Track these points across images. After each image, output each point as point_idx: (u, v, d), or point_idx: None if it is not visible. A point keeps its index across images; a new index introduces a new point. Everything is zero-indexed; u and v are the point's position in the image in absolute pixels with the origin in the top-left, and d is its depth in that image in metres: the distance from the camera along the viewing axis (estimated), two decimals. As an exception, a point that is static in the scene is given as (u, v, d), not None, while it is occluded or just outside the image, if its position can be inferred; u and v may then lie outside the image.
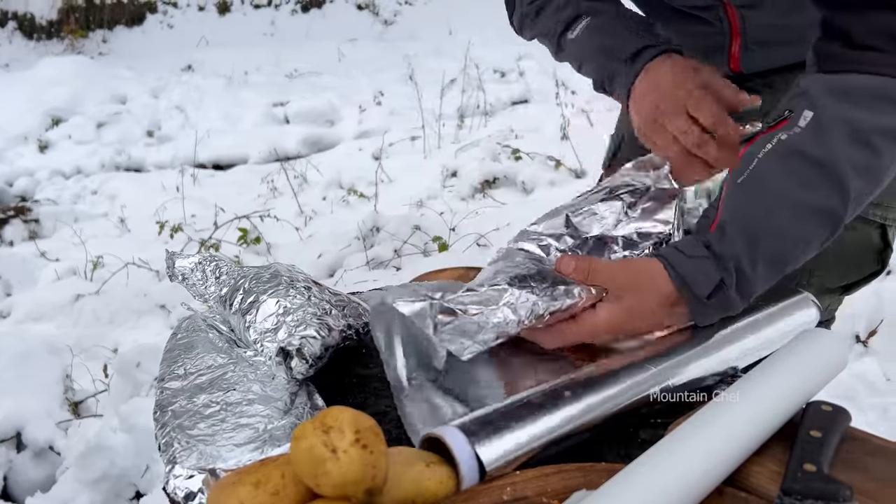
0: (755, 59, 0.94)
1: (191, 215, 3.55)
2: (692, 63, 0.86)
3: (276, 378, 0.71)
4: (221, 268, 0.84)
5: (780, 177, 0.68)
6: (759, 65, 0.95)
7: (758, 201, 0.69)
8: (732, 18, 0.91)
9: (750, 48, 0.92)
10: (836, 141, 0.67)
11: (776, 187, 0.68)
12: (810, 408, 0.65)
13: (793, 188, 0.68)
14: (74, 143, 4.87)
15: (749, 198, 0.70)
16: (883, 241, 0.93)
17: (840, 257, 0.91)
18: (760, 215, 0.68)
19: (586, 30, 0.92)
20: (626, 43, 0.89)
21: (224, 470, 0.60)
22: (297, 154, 4.52)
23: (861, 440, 0.64)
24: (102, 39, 7.45)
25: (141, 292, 2.72)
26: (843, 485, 0.55)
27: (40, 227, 3.79)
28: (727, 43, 0.94)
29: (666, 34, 0.91)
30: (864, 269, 0.95)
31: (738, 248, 0.68)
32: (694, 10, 0.92)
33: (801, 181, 0.68)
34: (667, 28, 1.01)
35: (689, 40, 0.98)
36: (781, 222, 0.68)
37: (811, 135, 0.67)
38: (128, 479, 1.78)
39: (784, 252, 0.69)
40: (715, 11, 0.91)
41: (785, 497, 0.55)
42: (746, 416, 0.59)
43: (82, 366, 2.26)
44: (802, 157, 0.68)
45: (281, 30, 7.71)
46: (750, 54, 0.93)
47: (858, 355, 1.86)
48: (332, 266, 2.97)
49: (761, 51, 0.93)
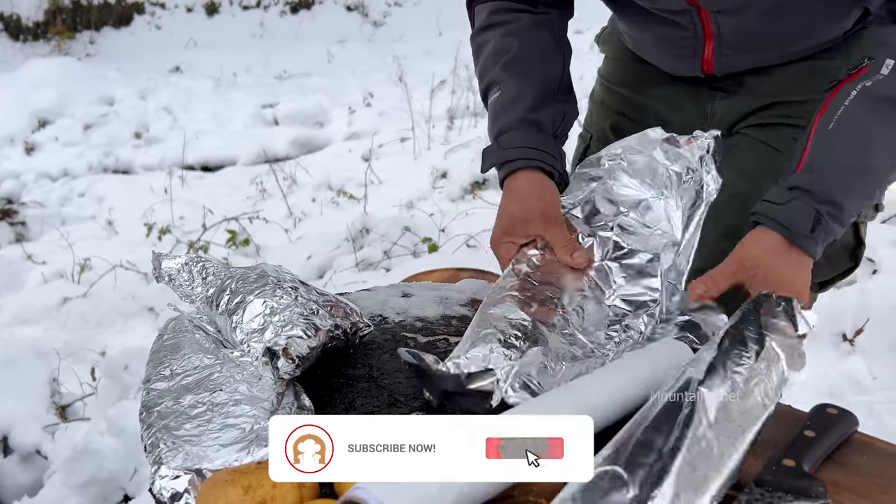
0: (729, 62, 0.95)
1: (179, 217, 3.54)
2: (546, 185, 0.88)
3: (262, 378, 0.71)
4: (208, 268, 0.84)
5: (868, 120, 0.75)
6: (733, 67, 0.96)
7: (849, 143, 0.76)
8: (706, 23, 0.91)
9: (724, 52, 0.93)
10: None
11: (866, 129, 0.75)
12: (814, 409, 0.66)
13: (882, 129, 0.75)
14: (61, 145, 4.84)
15: (840, 140, 0.76)
16: (856, 238, 0.97)
17: None
18: (851, 154, 0.76)
19: (493, 104, 0.93)
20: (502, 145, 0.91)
21: (210, 470, 0.60)
22: (287, 155, 4.51)
23: (865, 444, 0.65)
24: (90, 41, 7.41)
25: (129, 295, 2.70)
26: (817, 481, 0.56)
27: (27, 229, 3.76)
28: (700, 46, 0.94)
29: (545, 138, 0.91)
30: (839, 266, 0.98)
31: (830, 184, 0.76)
32: (666, 13, 0.92)
33: (889, 122, 0.75)
34: (640, 31, 1.02)
35: (661, 42, 0.99)
36: (870, 159, 0.76)
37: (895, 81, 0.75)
38: (116, 483, 1.76)
39: (870, 184, 0.78)
40: (688, 15, 0.90)
41: (756, 488, 0.55)
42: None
43: (69, 369, 2.25)
44: (889, 101, 0.75)
45: (270, 31, 7.70)
46: (723, 58, 0.94)
47: (845, 354, 1.87)
48: (322, 267, 2.96)
49: (735, 54, 0.94)
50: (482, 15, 0.97)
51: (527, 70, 0.92)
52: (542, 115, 0.90)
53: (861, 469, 0.62)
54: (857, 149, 0.76)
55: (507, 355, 0.70)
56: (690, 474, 0.50)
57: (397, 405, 0.73)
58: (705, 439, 0.53)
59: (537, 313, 0.76)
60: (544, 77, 0.92)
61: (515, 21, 0.95)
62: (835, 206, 0.76)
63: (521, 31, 0.94)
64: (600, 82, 1.18)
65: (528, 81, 0.91)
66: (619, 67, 1.13)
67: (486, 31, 0.96)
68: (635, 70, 1.09)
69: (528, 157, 0.87)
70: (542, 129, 0.90)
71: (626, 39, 1.08)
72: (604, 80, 1.17)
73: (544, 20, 0.96)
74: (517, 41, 0.93)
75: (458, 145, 3.96)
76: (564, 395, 0.66)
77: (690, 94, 1.02)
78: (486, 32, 0.96)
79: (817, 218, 0.75)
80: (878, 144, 0.76)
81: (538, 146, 0.88)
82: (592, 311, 0.79)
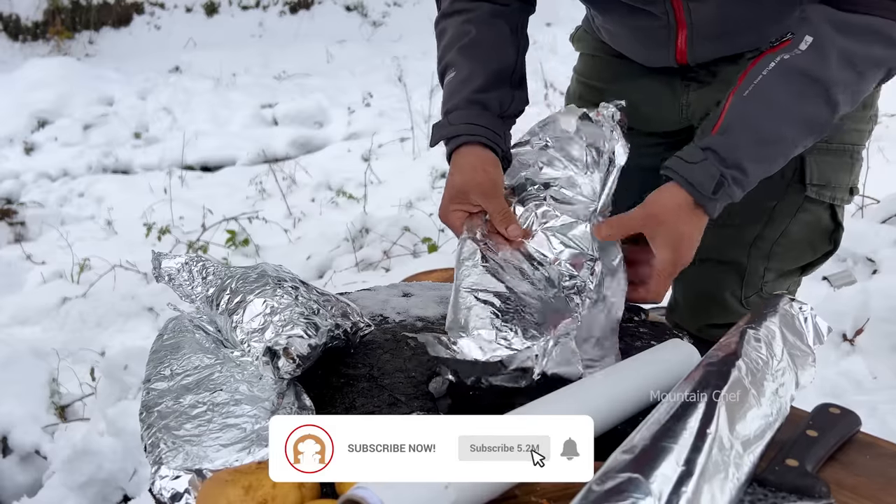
0: (701, 50, 0.96)
1: (179, 217, 3.53)
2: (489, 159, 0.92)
3: (263, 378, 0.70)
4: (208, 268, 0.84)
5: (782, 91, 0.79)
6: (705, 56, 0.97)
7: (761, 111, 0.80)
8: (678, 11, 0.92)
9: (696, 40, 0.94)
10: (833, 64, 0.78)
11: (778, 99, 0.79)
12: (817, 409, 0.65)
13: (793, 100, 0.79)
14: (61, 145, 4.84)
15: (754, 107, 0.80)
16: (833, 221, 0.99)
17: (795, 241, 0.98)
18: (763, 122, 0.79)
19: (447, 85, 0.98)
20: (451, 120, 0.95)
21: (210, 470, 0.60)
22: (286, 156, 4.51)
23: (868, 444, 0.65)
24: (89, 41, 7.41)
25: (128, 295, 2.70)
26: (820, 481, 0.56)
27: (26, 229, 3.75)
28: (673, 35, 0.95)
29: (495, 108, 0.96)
30: (819, 249, 1.01)
31: (740, 148, 0.79)
32: (640, 3, 0.93)
33: (801, 95, 0.79)
34: (615, 23, 1.04)
35: (635, 33, 1.01)
36: (780, 129, 0.79)
37: (811, 56, 0.79)
38: (115, 483, 1.76)
39: (777, 154, 0.81)
40: (661, 5, 0.92)
41: (759, 488, 0.55)
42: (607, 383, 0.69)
43: (69, 369, 2.24)
44: (803, 75, 0.79)
45: (269, 31, 7.69)
46: (696, 46, 0.95)
47: (845, 354, 1.87)
48: (321, 268, 2.96)
49: (707, 42, 0.95)
50: (446, 2, 1.01)
51: (480, 54, 0.97)
52: (491, 96, 0.95)
53: (863, 469, 0.62)
54: (770, 118, 0.80)
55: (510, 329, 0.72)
56: (711, 477, 0.50)
57: (398, 405, 0.73)
58: (724, 441, 0.53)
59: (509, 282, 0.80)
60: (497, 62, 0.97)
61: (476, 10, 0.99)
62: (740, 170, 0.80)
63: (479, 18, 0.98)
64: (576, 79, 1.21)
65: (480, 64, 0.95)
66: (594, 63, 1.16)
67: (448, 18, 1.01)
68: (611, 64, 1.11)
69: (472, 133, 0.92)
70: (489, 108, 0.94)
71: (603, 34, 1.10)
72: (580, 77, 1.20)
73: (504, 11, 0.99)
74: (475, 28, 0.97)
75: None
76: (567, 395, 0.66)
77: (666, 85, 1.03)
78: (447, 19, 1.01)
79: (720, 181, 0.79)
80: (789, 116, 0.80)
81: (483, 124, 0.93)
82: (544, 276, 0.84)
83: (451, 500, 0.53)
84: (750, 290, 1.01)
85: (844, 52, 0.78)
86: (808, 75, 0.79)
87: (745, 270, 1.00)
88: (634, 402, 0.67)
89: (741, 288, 1.01)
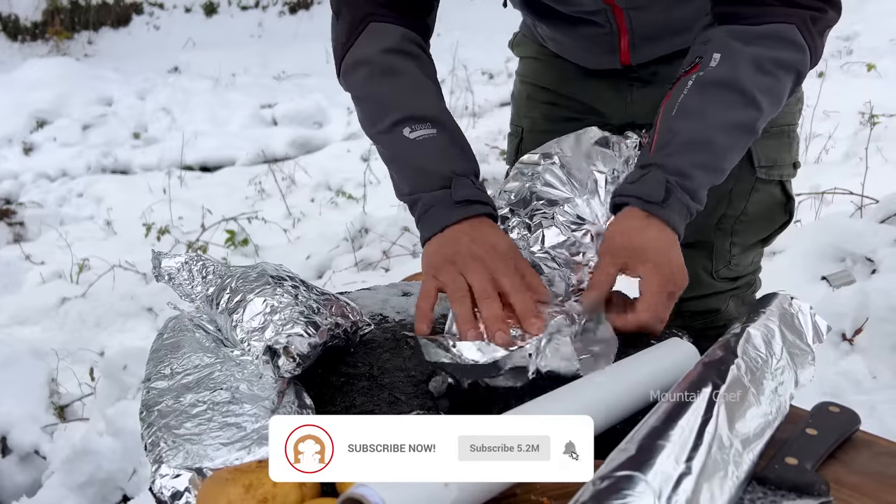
0: (642, 52, 1.03)
1: (178, 217, 3.53)
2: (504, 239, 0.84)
3: (263, 377, 0.70)
4: (208, 267, 0.84)
5: (704, 102, 0.82)
6: (646, 56, 1.04)
7: (689, 123, 0.82)
8: (620, 19, 0.98)
9: (637, 43, 1.01)
10: (744, 69, 0.82)
11: (703, 110, 0.82)
12: (816, 408, 0.66)
13: (717, 109, 0.82)
14: (60, 145, 4.84)
15: (682, 123, 0.82)
16: (785, 195, 1.09)
17: (755, 216, 1.07)
18: (693, 132, 0.82)
19: (431, 140, 0.87)
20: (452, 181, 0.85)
21: (211, 469, 0.60)
22: (285, 156, 4.51)
23: (867, 442, 0.65)
24: (88, 41, 7.41)
25: (127, 295, 2.70)
26: (819, 479, 0.56)
27: (25, 229, 3.75)
28: (616, 41, 1.02)
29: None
30: (776, 221, 1.10)
31: (677, 157, 0.81)
32: (584, 13, 0.98)
33: (722, 103, 0.82)
34: (561, 34, 1.08)
35: (581, 42, 1.06)
36: (711, 136, 0.81)
37: (723, 68, 0.82)
38: (114, 483, 1.76)
39: (716, 157, 0.83)
40: (604, 14, 0.98)
41: (758, 485, 0.55)
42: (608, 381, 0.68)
43: (68, 369, 2.24)
44: (719, 85, 0.82)
45: (268, 31, 7.70)
46: (638, 49, 1.02)
47: (844, 353, 1.87)
48: (321, 268, 2.96)
49: (649, 44, 1.02)
50: (389, 37, 0.92)
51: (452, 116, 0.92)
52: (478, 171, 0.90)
53: (863, 467, 0.62)
54: (698, 126, 0.82)
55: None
56: (710, 475, 0.50)
57: (397, 404, 0.73)
58: (724, 439, 0.53)
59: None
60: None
61: (427, 63, 0.94)
62: (683, 176, 0.80)
63: (433, 73, 0.94)
64: (521, 81, 1.23)
65: (458, 133, 0.91)
66: (538, 66, 1.19)
67: (402, 58, 0.92)
68: (556, 66, 1.15)
69: (491, 205, 0.86)
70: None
71: (548, 42, 1.14)
72: (525, 79, 1.22)
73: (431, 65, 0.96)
74: (435, 84, 0.93)
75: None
76: (566, 395, 0.66)
77: (611, 86, 1.10)
78: (401, 58, 0.92)
79: (668, 187, 0.79)
80: (716, 123, 0.82)
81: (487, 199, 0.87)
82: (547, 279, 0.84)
83: (452, 498, 0.53)
84: (720, 264, 1.10)
85: (754, 58, 0.82)
86: (725, 85, 0.82)
87: (713, 248, 1.08)
88: (634, 401, 0.67)
89: (711, 263, 1.09)
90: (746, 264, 1.11)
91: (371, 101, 0.94)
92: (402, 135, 0.87)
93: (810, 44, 0.83)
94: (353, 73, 0.94)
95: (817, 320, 0.71)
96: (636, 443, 0.52)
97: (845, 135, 3.36)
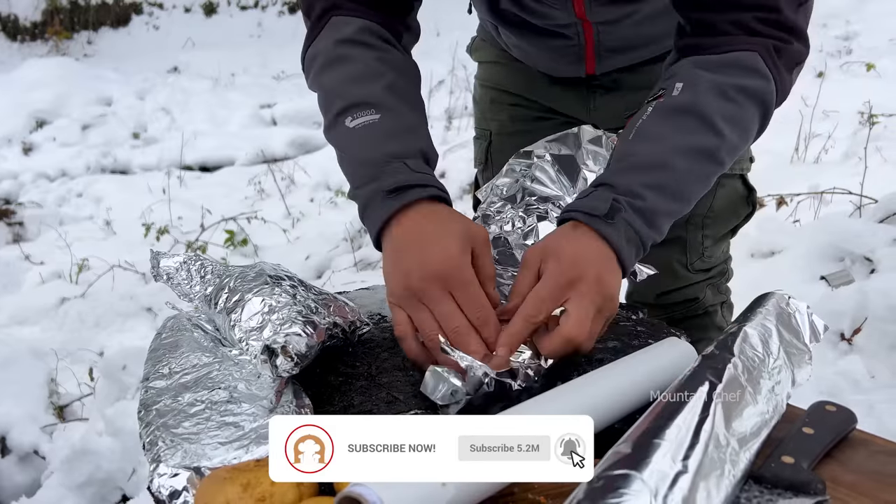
0: (608, 62, 1.07)
1: (177, 217, 3.54)
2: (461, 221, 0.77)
3: (261, 376, 0.70)
4: (206, 267, 0.84)
5: (661, 126, 0.80)
6: (610, 67, 1.08)
7: (644, 146, 0.80)
8: (588, 33, 1.02)
9: (603, 55, 1.05)
10: (704, 94, 0.80)
11: (659, 132, 0.80)
12: (813, 407, 0.66)
13: (674, 132, 0.79)
14: (59, 145, 4.84)
15: (637, 145, 0.80)
16: (746, 187, 1.14)
17: (721, 210, 1.13)
18: (649, 155, 0.79)
19: (372, 126, 0.79)
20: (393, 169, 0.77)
21: (209, 468, 0.60)
22: (285, 156, 4.51)
23: (864, 441, 0.65)
24: (87, 41, 7.41)
25: (127, 295, 2.70)
26: (816, 477, 0.56)
27: (24, 229, 3.76)
28: (583, 52, 1.05)
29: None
30: (741, 212, 1.16)
31: (629, 176, 0.77)
32: (555, 27, 1.01)
33: (681, 127, 0.79)
34: (528, 43, 1.09)
35: (548, 52, 1.09)
36: (667, 159, 0.78)
37: (685, 95, 0.81)
38: (114, 483, 1.76)
39: (673, 182, 0.78)
40: (574, 27, 1.00)
41: (754, 485, 0.55)
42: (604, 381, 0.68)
43: (67, 369, 2.24)
44: (678, 111, 0.80)
45: (268, 31, 7.70)
46: (604, 60, 1.06)
47: (842, 353, 1.87)
48: (320, 268, 2.97)
49: (613, 56, 1.06)
50: (347, 28, 0.87)
51: (413, 101, 0.85)
52: (432, 153, 0.84)
53: (860, 466, 0.62)
54: (654, 149, 0.79)
55: None
56: (707, 474, 0.50)
57: (396, 403, 0.73)
58: (721, 438, 0.53)
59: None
60: (423, 113, 0.87)
61: (388, 52, 0.88)
62: (635, 196, 0.75)
63: (395, 62, 0.87)
64: (482, 85, 1.25)
65: (417, 112, 0.85)
66: (500, 70, 1.20)
67: (355, 46, 0.86)
68: (518, 71, 1.17)
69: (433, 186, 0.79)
70: (430, 163, 0.83)
71: (513, 50, 1.15)
72: (486, 83, 1.24)
73: (412, 62, 0.91)
74: (394, 71, 0.85)
75: (456, 145, 3.96)
76: (565, 394, 0.66)
77: (573, 92, 1.13)
78: (354, 47, 0.86)
79: (615, 206, 0.74)
80: (673, 146, 0.78)
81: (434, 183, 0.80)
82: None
83: (449, 497, 0.53)
84: (694, 256, 1.15)
85: (715, 85, 0.80)
86: (684, 110, 0.80)
87: (686, 243, 1.13)
88: (631, 400, 0.67)
89: (686, 256, 1.14)
90: (718, 255, 1.17)
91: (320, 95, 0.87)
92: (344, 125, 0.80)
93: (775, 74, 0.81)
94: (310, 68, 0.89)
95: (814, 319, 0.71)
96: (632, 441, 0.52)
97: (844, 135, 3.37)
